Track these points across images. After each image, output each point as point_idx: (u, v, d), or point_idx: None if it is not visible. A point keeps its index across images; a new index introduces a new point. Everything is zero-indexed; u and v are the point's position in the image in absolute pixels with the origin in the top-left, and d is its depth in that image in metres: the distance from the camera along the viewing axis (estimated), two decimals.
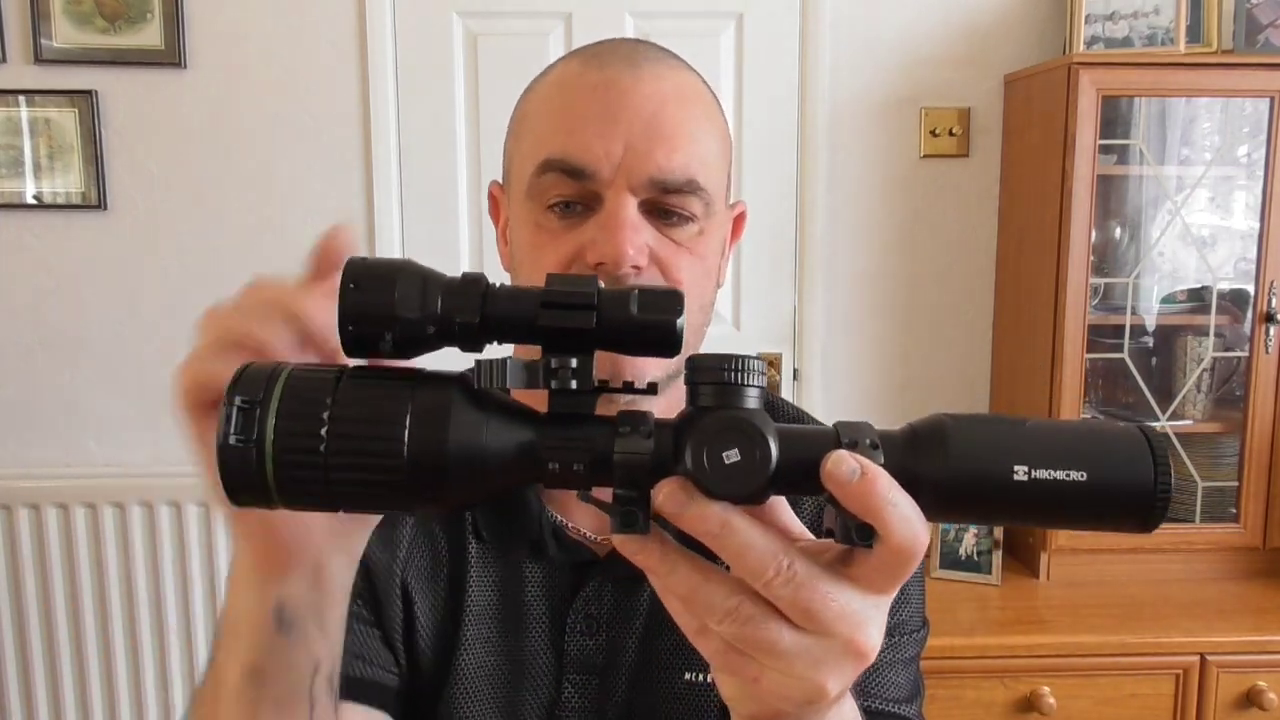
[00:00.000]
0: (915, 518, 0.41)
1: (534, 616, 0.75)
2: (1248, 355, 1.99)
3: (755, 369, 0.42)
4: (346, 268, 0.42)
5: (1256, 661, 1.80)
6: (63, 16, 2.04)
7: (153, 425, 2.18)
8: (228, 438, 0.41)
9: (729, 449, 0.41)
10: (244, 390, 0.41)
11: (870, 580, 0.43)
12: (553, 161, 0.67)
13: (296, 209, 2.14)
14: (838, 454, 0.41)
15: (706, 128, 0.70)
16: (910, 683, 0.77)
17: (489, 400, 0.43)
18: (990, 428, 0.43)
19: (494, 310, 0.43)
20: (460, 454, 0.42)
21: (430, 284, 0.44)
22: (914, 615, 0.79)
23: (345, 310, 0.42)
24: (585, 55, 0.71)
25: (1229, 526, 2.02)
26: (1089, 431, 0.43)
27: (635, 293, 0.43)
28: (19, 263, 2.13)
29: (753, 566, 0.41)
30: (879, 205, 2.21)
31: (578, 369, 0.42)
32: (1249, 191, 2.04)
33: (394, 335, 0.43)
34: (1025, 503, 0.42)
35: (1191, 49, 1.97)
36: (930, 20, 2.16)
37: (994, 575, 2.00)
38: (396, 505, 0.43)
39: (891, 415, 2.26)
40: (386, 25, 2.10)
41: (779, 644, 0.42)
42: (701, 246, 0.70)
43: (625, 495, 0.42)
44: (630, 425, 0.42)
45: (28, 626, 2.13)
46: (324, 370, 0.43)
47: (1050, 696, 1.77)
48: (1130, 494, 0.42)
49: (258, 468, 0.41)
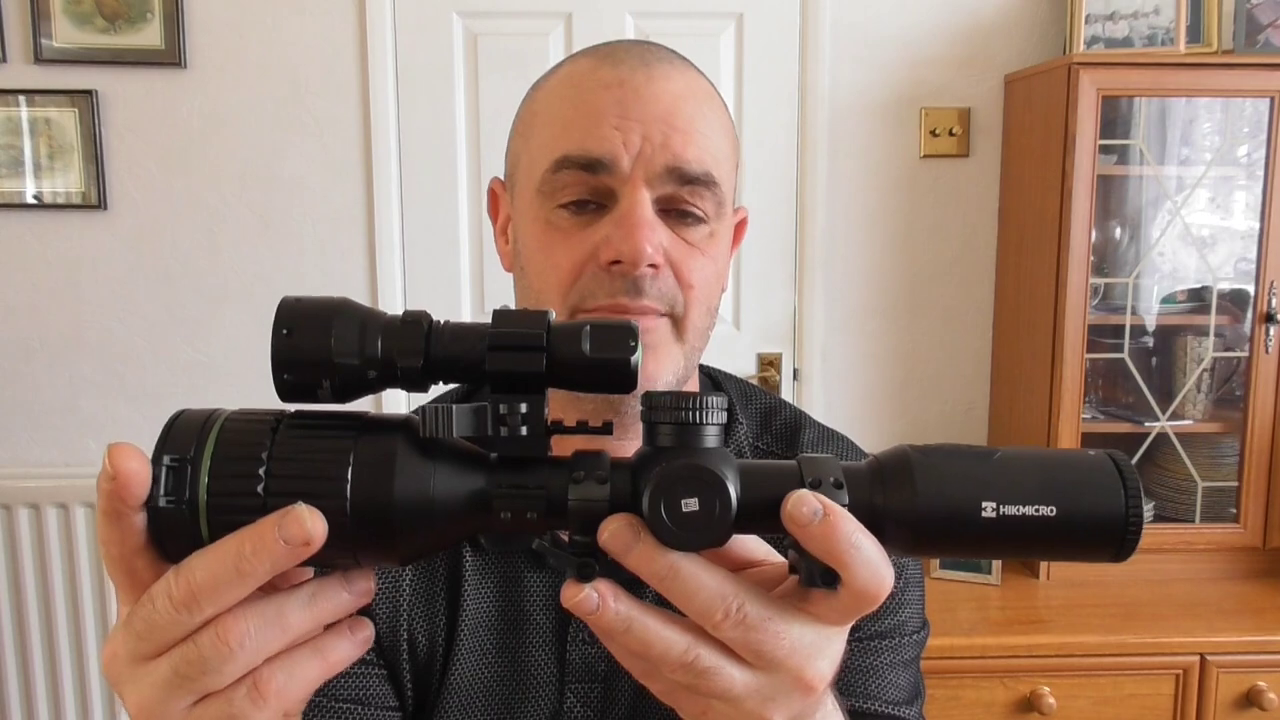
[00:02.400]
0: (880, 561, 0.40)
1: (535, 625, 0.74)
2: (1248, 355, 1.98)
3: (713, 406, 0.41)
4: (280, 311, 0.40)
5: (1256, 661, 1.80)
6: (63, 16, 2.04)
7: (153, 425, 2.17)
8: (158, 500, 0.38)
9: (688, 498, 0.39)
10: (173, 447, 0.39)
11: (826, 616, 0.42)
12: (570, 158, 0.66)
13: (296, 209, 2.14)
14: (798, 495, 0.40)
15: (718, 127, 0.70)
16: (910, 685, 0.77)
17: (436, 446, 0.41)
18: (957, 462, 0.42)
19: (438, 352, 0.41)
20: (406, 505, 0.39)
21: (369, 326, 0.41)
22: (913, 617, 0.79)
23: (280, 357, 0.40)
24: (596, 54, 0.71)
25: (1229, 526, 2.02)
26: (1059, 463, 0.42)
27: (586, 328, 0.41)
28: (19, 263, 2.13)
29: (700, 609, 0.40)
30: (879, 205, 2.21)
31: (528, 414, 0.41)
32: (1249, 191, 2.04)
33: (332, 382, 0.40)
34: (993, 539, 0.41)
35: (1191, 49, 1.97)
36: (930, 20, 2.16)
37: (994, 575, 2.00)
38: (341, 556, 0.40)
39: (892, 415, 2.26)
40: (386, 25, 2.10)
41: (732, 690, 0.42)
42: (713, 248, 0.70)
43: (581, 542, 0.41)
44: (584, 469, 0.41)
45: (28, 626, 2.13)
46: (260, 417, 0.40)
47: (1050, 696, 1.77)
48: (1101, 527, 0.41)
49: (191, 528, 0.39)
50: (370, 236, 2.15)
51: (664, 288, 0.67)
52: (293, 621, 0.40)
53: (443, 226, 2.16)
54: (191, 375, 2.17)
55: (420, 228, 2.17)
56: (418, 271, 2.18)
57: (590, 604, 0.41)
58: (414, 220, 2.17)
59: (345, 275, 2.16)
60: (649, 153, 0.66)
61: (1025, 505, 0.41)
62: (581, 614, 0.41)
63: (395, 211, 2.15)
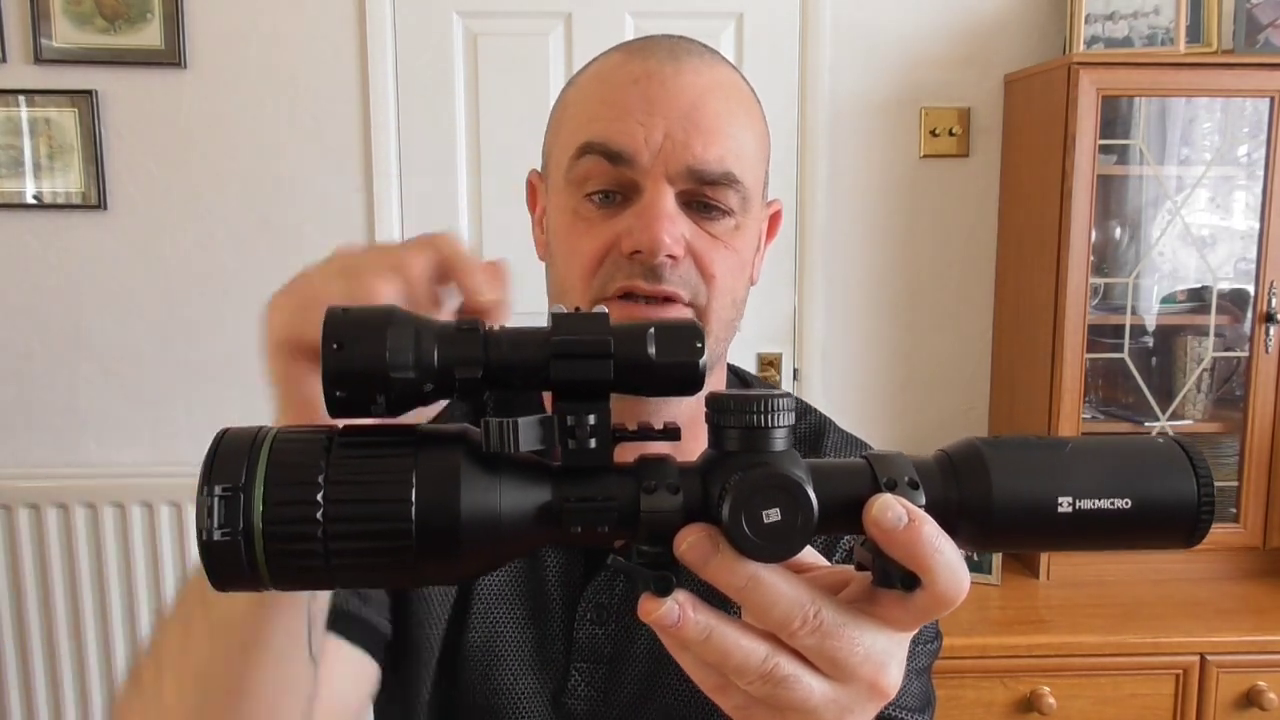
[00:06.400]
0: (959, 565, 0.40)
1: (548, 602, 0.75)
2: (1248, 355, 1.98)
3: (782, 408, 0.39)
4: (328, 323, 0.38)
5: (1256, 661, 1.80)
6: (63, 16, 2.04)
7: (153, 425, 2.18)
8: (211, 534, 0.37)
9: (769, 508, 0.38)
10: (222, 475, 0.37)
11: (899, 621, 0.42)
12: (593, 144, 0.68)
13: (296, 209, 2.14)
14: (883, 500, 0.39)
15: (745, 123, 0.71)
16: (922, 693, 0.78)
17: (498, 459, 0.39)
18: (1031, 455, 0.41)
19: (498, 361, 0.39)
20: (474, 521, 0.38)
21: (423, 335, 0.39)
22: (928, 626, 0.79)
23: (331, 373, 0.38)
24: (628, 49, 0.72)
25: (1229, 526, 2.02)
26: (1131, 453, 0.42)
27: (651, 331, 0.39)
28: (19, 263, 2.13)
29: (779, 619, 0.40)
30: (879, 205, 2.21)
31: (596, 425, 0.39)
32: (1249, 191, 2.04)
33: (388, 397, 0.38)
34: (1068, 533, 0.41)
35: (1191, 49, 1.97)
36: (930, 20, 2.16)
37: (994, 575, 2.00)
38: (403, 580, 0.39)
39: (892, 415, 2.26)
40: (386, 25, 2.10)
41: (810, 700, 0.41)
42: (738, 241, 0.71)
43: (650, 552, 0.40)
44: (655, 478, 0.40)
45: (28, 626, 2.13)
46: (310, 435, 0.39)
47: (1050, 696, 1.77)
48: (1174, 515, 0.41)
49: (248, 559, 0.37)
50: (370, 236, 2.14)
51: (685, 275, 0.68)
52: None
53: (443, 225, 2.16)
54: (191, 375, 2.17)
55: (420, 227, 2.16)
56: None
57: (671, 617, 0.40)
58: (414, 220, 2.17)
59: None
60: (670, 150, 0.67)
61: (1101, 499, 0.40)
62: (661, 628, 0.40)
63: (395, 211, 2.15)
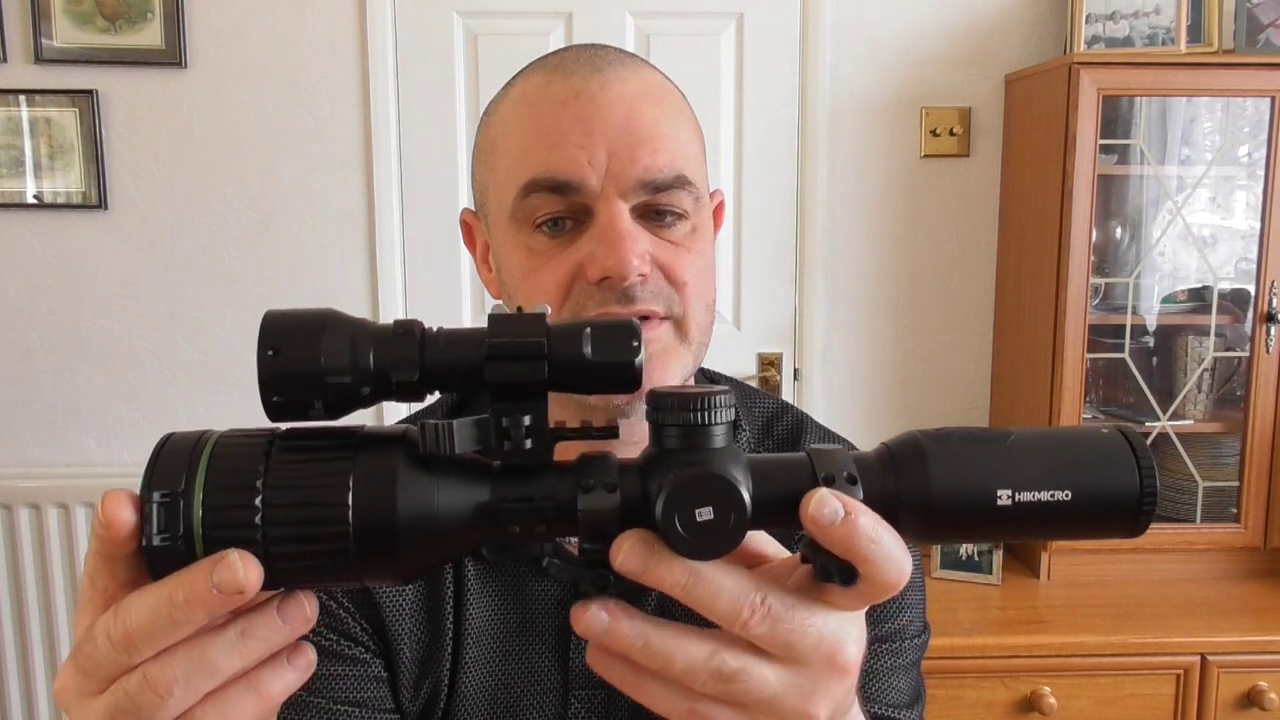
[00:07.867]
0: (899, 553, 0.40)
1: (539, 633, 0.73)
2: (1248, 355, 1.98)
3: (721, 405, 0.40)
4: (264, 329, 0.38)
5: (1257, 661, 1.80)
6: (63, 16, 2.04)
7: (153, 425, 2.18)
8: (152, 539, 0.37)
9: (702, 507, 0.38)
10: (162, 481, 0.37)
11: (845, 605, 0.42)
12: (538, 181, 0.65)
13: (296, 209, 2.14)
14: (819, 495, 0.39)
15: (680, 122, 0.69)
16: (911, 688, 0.77)
17: (437, 460, 0.40)
18: (970, 448, 0.41)
19: (434, 363, 0.39)
20: (411, 521, 0.38)
21: (359, 338, 0.39)
22: (914, 621, 0.79)
23: (268, 378, 0.38)
24: (546, 67, 0.69)
25: (1229, 526, 2.02)
26: (1073, 444, 0.42)
27: (587, 330, 0.40)
28: (19, 263, 2.13)
29: (726, 611, 0.40)
30: (879, 205, 2.21)
31: (532, 426, 0.39)
32: (1249, 191, 2.04)
33: (325, 401, 0.39)
34: (1009, 525, 0.41)
35: (1192, 49, 1.97)
36: (930, 20, 2.16)
37: (994, 575, 2.00)
38: (343, 579, 0.39)
39: (892, 414, 2.26)
40: (386, 25, 2.10)
41: (768, 687, 0.41)
42: (698, 244, 0.70)
43: (592, 549, 0.40)
44: (592, 476, 0.40)
45: (28, 626, 2.13)
46: (251, 439, 0.39)
47: (1050, 696, 1.77)
48: (1116, 507, 0.41)
49: (187, 563, 0.37)
50: (370, 236, 2.14)
51: (657, 290, 0.67)
52: (220, 664, 0.38)
53: (443, 225, 2.16)
54: (191, 375, 2.17)
55: (420, 227, 2.17)
56: (418, 270, 2.18)
57: (599, 622, 0.40)
58: (414, 219, 2.17)
59: (345, 275, 2.16)
60: (617, 168, 0.65)
61: (1040, 491, 0.40)
62: (592, 636, 0.40)
63: (395, 211, 2.15)
